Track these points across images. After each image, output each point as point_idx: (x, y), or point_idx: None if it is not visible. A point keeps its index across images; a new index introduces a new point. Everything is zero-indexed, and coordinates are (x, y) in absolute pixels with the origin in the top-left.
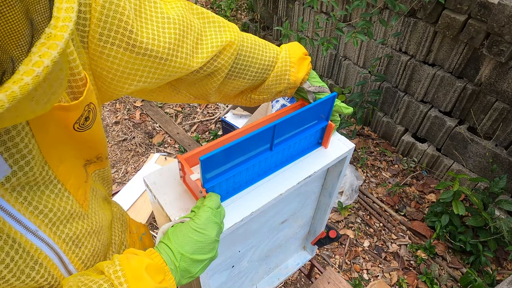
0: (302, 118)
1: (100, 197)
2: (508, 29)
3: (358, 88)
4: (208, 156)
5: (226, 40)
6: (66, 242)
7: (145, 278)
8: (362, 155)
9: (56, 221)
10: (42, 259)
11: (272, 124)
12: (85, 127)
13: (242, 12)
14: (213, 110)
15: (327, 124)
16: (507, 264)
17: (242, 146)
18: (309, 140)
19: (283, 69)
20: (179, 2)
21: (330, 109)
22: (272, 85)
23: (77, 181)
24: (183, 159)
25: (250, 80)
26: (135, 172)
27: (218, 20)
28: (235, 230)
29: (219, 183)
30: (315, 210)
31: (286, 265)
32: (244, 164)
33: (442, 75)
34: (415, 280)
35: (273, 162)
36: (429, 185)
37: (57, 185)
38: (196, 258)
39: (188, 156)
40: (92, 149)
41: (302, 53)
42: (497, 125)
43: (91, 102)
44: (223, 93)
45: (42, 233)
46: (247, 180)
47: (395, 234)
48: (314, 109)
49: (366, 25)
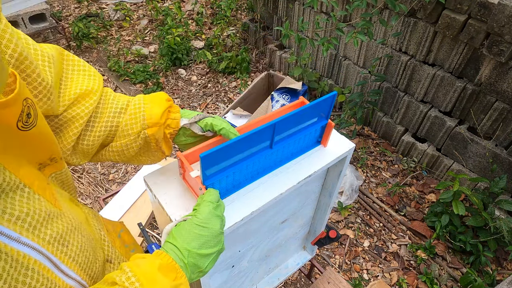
0: (302, 116)
1: (67, 198)
2: (508, 29)
3: (358, 88)
4: (209, 153)
5: (89, 87)
6: (51, 243)
7: (160, 278)
8: (362, 155)
9: (36, 224)
10: (32, 264)
11: (273, 122)
12: (29, 125)
13: (242, 12)
14: (212, 110)
15: (327, 122)
16: (507, 264)
17: (242, 144)
18: (309, 139)
19: (136, 107)
20: (54, 48)
21: (330, 108)
22: (128, 125)
23: (40, 183)
24: (183, 156)
25: (104, 129)
26: (135, 172)
27: (84, 68)
28: (235, 230)
29: (218, 180)
30: (315, 210)
31: (286, 265)
32: (244, 161)
33: (442, 75)
34: (415, 280)
35: (272, 160)
36: (429, 185)
37: (24, 189)
38: (203, 253)
39: (188, 153)
40: (43, 150)
41: (161, 98)
42: (497, 125)
43: (28, 97)
44: (81, 150)
45: (25, 239)
46: (246, 178)
47: (395, 234)
48: (314, 107)
49: (366, 25)
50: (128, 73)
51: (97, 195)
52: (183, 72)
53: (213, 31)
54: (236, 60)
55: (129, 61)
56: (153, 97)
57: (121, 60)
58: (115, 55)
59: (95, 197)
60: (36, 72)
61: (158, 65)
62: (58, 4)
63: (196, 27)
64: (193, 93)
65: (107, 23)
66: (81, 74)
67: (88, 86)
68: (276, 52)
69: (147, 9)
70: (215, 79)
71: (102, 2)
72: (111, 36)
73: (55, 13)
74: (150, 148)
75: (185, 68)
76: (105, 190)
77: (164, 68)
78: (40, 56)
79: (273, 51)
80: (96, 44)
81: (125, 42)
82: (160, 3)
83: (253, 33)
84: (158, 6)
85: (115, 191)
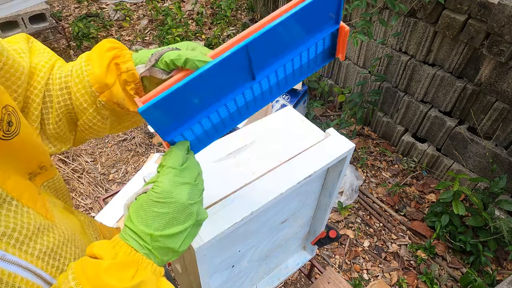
0: (297, 25)
1: (61, 207)
2: (508, 29)
3: (358, 88)
4: (149, 105)
5: (34, 63)
6: (41, 258)
7: (107, 283)
8: (362, 155)
9: (24, 239)
10: (19, 283)
11: (244, 44)
12: (11, 133)
13: (242, 12)
14: None
15: (338, 27)
16: (507, 264)
17: (204, 83)
18: (316, 54)
19: (78, 74)
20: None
21: (339, 6)
22: (79, 98)
23: (30, 194)
24: (140, 102)
25: (58, 107)
26: (135, 172)
27: (40, 49)
28: (235, 230)
29: (189, 129)
30: (315, 210)
31: (286, 265)
32: (214, 105)
33: (442, 75)
34: (415, 280)
35: (266, 88)
36: (429, 185)
37: (12, 202)
38: (170, 233)
39: (146, 98)
40: (31, 158)
41: (100, 49)
42: (497, 125)
43: (8, 104)
44: (52, 135)
45: (11, 256)
46: (230, 119)
47: (395, 234)
48: (314, 6)
49: (366, 25)
50: None
51: (97, 195)
52: None
53: (213, 31)
54: None
55: None
56: (94, 51)
57: None
58: None
59: (95, 197)
60: (19, 70)
61: None
62: (58, 4)
63: (196, 27)
64: None
65: (107, 23)
66: (38, 56)
67: (32, 62)
68: None
69: (147, 9)
70: None
71: (102, 2)
72: (111, 36)
73: (55, 13)
74: (118, 114)
75: None
76: (105, 190)
77: None
78: (16, 51)
79: None
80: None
81: (125, 42)
82: (160, 3)
83: None
84: (158, 6)
85: (115, 191)
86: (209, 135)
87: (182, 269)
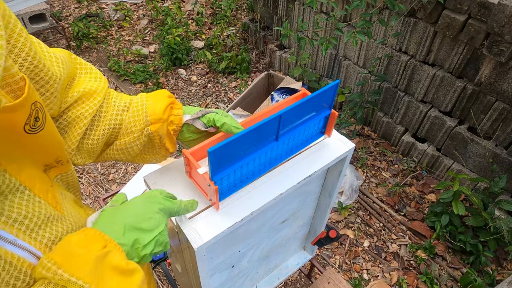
0: (306, 107)
1: (71, 200)
2: (508, 29)
3: (358, 88)
4: (217, 147)
5: (93, 87)
6: (48, 246)
7: (78, 251)
8: (362, 155)
9: (34, 227)
10: (26, 268)
11: (278, 114)
12: (37, 128)
13: (242, 12)
14: None
15: (330, 113)
16: (507, 264)
17: (249, 137)
18: (313, 130)
19: (138, 104)
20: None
21: (333, 98)
22: (131, 123)
23: (43, 185)
24: (189, 153)
25: (108, 127)
26: (135, 172)
27: (91, 70)
28: (235, 230)
29: (227, 175)
30: (315, 210)
31: (286, 265)
32: (251, 155)
33: (442, 75)
34: (415, 280)
35: (278, 152)
36: (429, 185)
37: (24, 192)
38: (142, 227)
39: (193, 150)
40: (50, 152)
41: (163, 94)
42: (497, 125)
43: (37, 101)
44: (86, 149)
45: (21, 241)
46: (253, 172)
47: (395, 234)
48: (317, 98)
49: (366, 25)
50: (128, 73)
51: (97, 195)
52: (183, 72)
53: (213, 31)
54: (236, 60)
55: (129, 61)
56: (155, 94)
57: (121, 60)
58: (115, 55)
59: (95, 197)
60: (48, 75)
61: (158, 65)
62: (58, 4)
63: (196, 27)
64: (193, 93)
65: (107, 23)
66: (88, 76)
67: (92, 86)
68: (276, 52)
69: (147, 9)
70: (215, 79)
71: (102, 2)
72: (111, 36)
73: (55, 13)
74: (154, 145)
75: (185, 68)
76: (105, 190)
77: (164, 68)
78: (54, 59)
79: (273, 51)
80: (96, 44)
81: (125, 42)
82: (160, 3)
83: (253, 33)
84: (158, 6)
85: (115, 191)
86: (238, 184)
87: (182, 269)
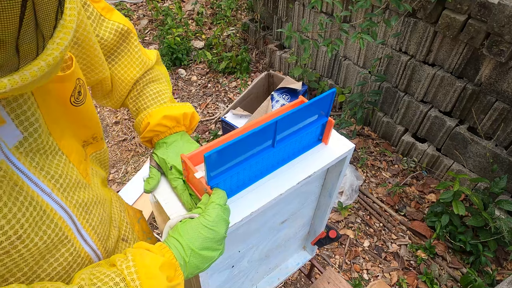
0: (302, 114)
1: (99, 178)
2: (508, 29)
3: (358, 88)
4: (213, 152)
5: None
6: (76, 208)
7: (158, 277)
8: (362, 155)
9: (66, 187)
10: (57, 220)
11: (274, 120)
12: (80, 102)
13: (242, 12)
14: (213, 110)
15: (327, 120)
16: (507, 264)
17: (246, 143)
18: (310, 137)
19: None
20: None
21: (329, 105)
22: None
23: (78, 156)
24: (186, 158)
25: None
26: (135, 172)
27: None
28: (235, 230)
29: (223, 180)
30: (315, 210)
31: (286, 265)
32: (248, 161)
33: (442, 75)
34: (415, 280)
35: (275, 159)
36: (429, 185)
37: (62, 156)
38: (206, 255)
39: (191, 155)
40: (88, 128)
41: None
42: (497, 125)
43: (80, 78)
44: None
45: (56, 196)
46: (250, 178)
47: (395, 234)
48: (314, 105)
49: (371, 25)
50: None
51: None
52: (183, 72)
53: (213, 31)
54: (236, 60)
55: None
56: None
57: None
58: None
59: None
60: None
61: None
62: None
63: (196, 27)
64: (193, 93)
65: None
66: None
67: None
68: (276, 52)
69: (147, 9)
70: (215, 79)
71: None
72: None
73: None
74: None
75: (185, 68)
76: None
77: None
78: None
79: (273, 51)
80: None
81: None
82: (160, 3)
83: (253, 33)
84: (158, 6)
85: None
86: (234, 190)
87: None
